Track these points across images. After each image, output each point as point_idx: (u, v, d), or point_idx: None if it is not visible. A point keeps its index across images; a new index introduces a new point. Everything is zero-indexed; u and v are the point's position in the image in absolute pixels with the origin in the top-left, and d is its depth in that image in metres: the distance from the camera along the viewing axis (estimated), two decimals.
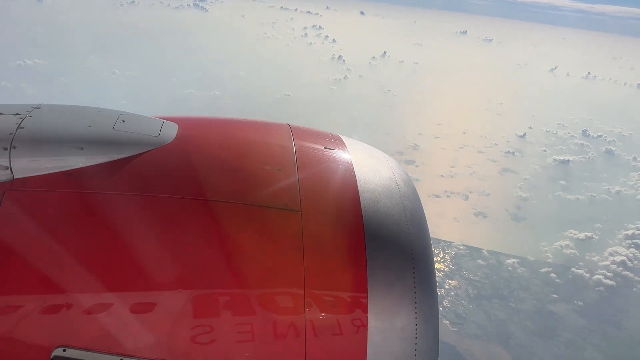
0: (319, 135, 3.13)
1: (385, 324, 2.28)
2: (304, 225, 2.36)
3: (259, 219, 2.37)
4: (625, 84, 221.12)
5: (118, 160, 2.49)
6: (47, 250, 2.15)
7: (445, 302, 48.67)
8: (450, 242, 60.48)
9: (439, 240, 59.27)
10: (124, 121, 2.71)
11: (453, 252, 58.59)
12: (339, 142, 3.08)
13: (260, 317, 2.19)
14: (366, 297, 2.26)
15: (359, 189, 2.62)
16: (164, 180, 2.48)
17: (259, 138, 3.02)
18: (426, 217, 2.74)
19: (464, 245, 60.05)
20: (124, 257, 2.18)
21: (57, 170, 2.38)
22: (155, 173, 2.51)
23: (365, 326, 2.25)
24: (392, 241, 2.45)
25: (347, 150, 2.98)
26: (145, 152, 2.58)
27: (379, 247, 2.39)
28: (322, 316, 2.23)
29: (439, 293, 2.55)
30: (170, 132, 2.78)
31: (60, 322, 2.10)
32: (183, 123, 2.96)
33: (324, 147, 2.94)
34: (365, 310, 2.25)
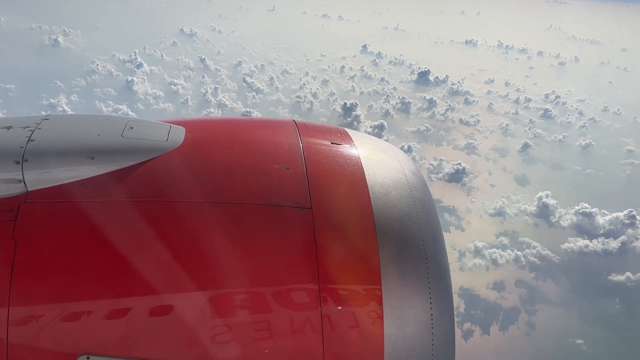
0: (325, 130, 3.15)
1: (401, 315, 2.30)
2: (315, 222, 2.39)
3: (271, 218, 2.40)
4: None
5: (129, 167, 2.53)
6: (64, 260, 2.20)
7: None
8: None
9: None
10: (132, 128, 2.75)
11: None
12: (345, 136, 3.10)
13: (278, 315, 2.23)
14: (380, 289, 2.30)
15: (368, 182, 2.65)
16: (175, 185, 2.51)
17: (266, 137, 3.04)
18: (436, 206, 2.77)
19: None
20: (143, 262, 2.21)
21: (69, 181, 2.41)
22: (166, 178, 2.55)
23: (381, 318, 2.28)
24: (404, 233, 2.48)
25: (354, 144, 2.99)
26: (154, 158, 2.62)
27: (390, 239, 2.41)
28: (338, 310, 2.27)
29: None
30: (178, 136, 2.82)
31: (82, 330, 2.14)
32: (190, 126, 2.99)
33: (331, 142, 2.96)
34: (380, 303, 2.28)
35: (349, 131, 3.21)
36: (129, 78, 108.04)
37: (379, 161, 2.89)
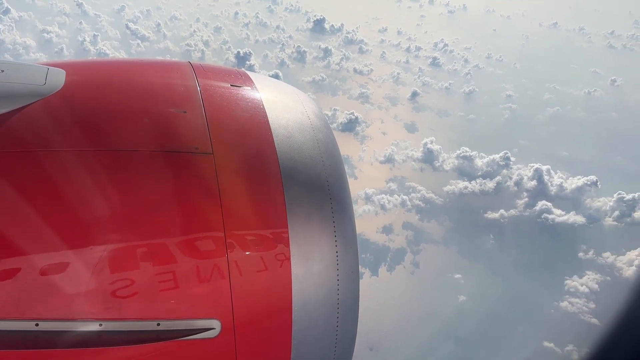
0: (224, 72, 3.00)
1: (308, 254, 2.33)
2: (217, 167, 2.30)
3: (170, 165, 2.28)
4: None
5: (2, 115, 2.26)
6: None
7: None
8: None
9: None
10: (2, 71, 2.51)
11: None
12: (245, 79, 2.96)
13: (183, 264, 2.16)
14: (287, 232, 2.29)
15: (271, 125, 2.57)
16: (58, 132, 2.28)
17: (159, 79, 2.84)
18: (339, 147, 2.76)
19: None
20: (26, 218, 2.03)
21: None
22: (47, 126, 2.30)
23: (288, 259, 2.29)
24: (308, 175, 2.46)
25: (255, 87, 2.87)
26: (31, 104, 2.37)
27: (295, 182, 2.40)
28: (245, 255, 2.24)
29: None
30: (58, 79, 2.55)
31: None
32: (71, 68, 2.72)
33: (231, 85, 2.83)
34: (287, 244, 2.28)
35: (250, 73, 3.06)
36: None
37: (282, 103, 2.80)
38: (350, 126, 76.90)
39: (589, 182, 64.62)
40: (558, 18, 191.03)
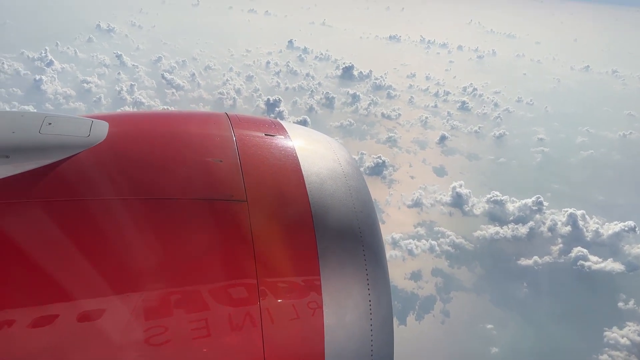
0: (259, 122, 3.10)
1: (340, 304, 2.33)
2: (251, 215, 2.35)
3: (205, 212, 2.35)
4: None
5: (47, 165, 2.37)
6: None
7: None
8: None
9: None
10: (50, 124, 2.62)
11: None
12: (279, 128, 3.05)
13: (215, 312, 2.19)
14: (319, 280, 2.30)
15: (304, 173, 2.63)
16: (100, 182, 2.38)
17: (197, 130, 2.96)
18: (371, 194, 2.76)
19: None
20: (65, 266, 2.09)
21: None
22: (91, 175, 2.40)
23: (320, 308, 2.29)
24: (340, 222, 2.49)
25: (288, 136, 2.95)
26: (75, 155, 2.47)
27: (328, 229, 2.42)
28: (278, 303, 2.26)
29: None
30: (101, 131, 2.67)
31: (1, 342, 2.02)
32: (114, 120, 2.85)
33: (265, 134, 2.92)
34: (319, 293, 2.29)
35: (283, 123, 3.17)
36: (37, 77, 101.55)
37: (314, 151, 2.87)
38: (377, 170, 76.62)
39: (626, 228, 61.90)
40: (590, 61, 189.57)
